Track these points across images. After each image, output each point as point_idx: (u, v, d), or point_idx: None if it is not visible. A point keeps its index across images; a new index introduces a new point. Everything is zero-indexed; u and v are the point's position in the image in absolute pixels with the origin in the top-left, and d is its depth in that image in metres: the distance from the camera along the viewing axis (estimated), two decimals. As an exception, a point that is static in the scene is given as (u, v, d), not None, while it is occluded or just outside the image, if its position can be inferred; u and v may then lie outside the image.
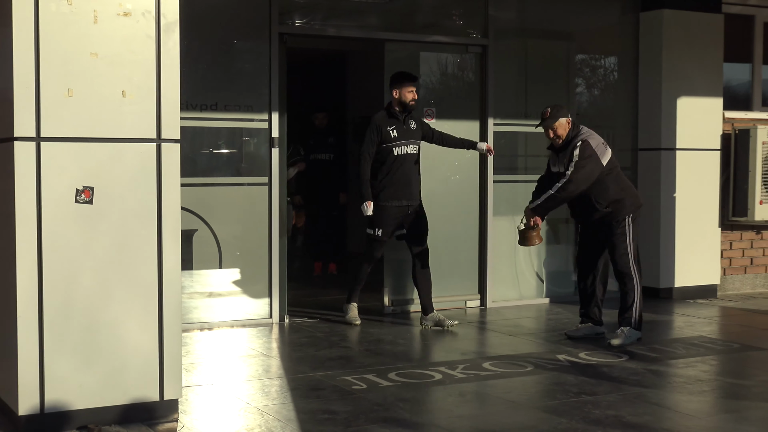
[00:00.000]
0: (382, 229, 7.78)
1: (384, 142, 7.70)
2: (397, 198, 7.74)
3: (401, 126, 7.77)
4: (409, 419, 5.25)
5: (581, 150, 7.02)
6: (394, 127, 7.73)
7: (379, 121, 7.75)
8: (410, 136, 7.81)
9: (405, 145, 7.75)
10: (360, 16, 8.79)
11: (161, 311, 5.13)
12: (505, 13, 9.12)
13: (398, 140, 7.73)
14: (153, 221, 5.09)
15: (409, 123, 7.83)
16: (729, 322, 8.67)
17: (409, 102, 7.73)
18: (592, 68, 10.07)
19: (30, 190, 4.82)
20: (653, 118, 9.37)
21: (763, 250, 10.37)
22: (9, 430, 4.95)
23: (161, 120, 5.09)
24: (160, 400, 5.16)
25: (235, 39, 8.14)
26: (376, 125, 7.73)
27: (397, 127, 7.74)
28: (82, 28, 4.90)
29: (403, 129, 7.77)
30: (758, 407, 5.59)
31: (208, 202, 7.98)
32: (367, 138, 7.74)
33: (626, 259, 7.16)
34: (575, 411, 5.46)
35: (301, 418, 5.29)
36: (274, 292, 8.11)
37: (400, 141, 7.74)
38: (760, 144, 9.76)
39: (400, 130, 7.75)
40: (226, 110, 7.97)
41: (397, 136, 7.73)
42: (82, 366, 4.96)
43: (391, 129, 7.72)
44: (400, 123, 7.76)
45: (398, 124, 7.75)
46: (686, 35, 9.51)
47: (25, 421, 4.87)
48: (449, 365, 6.55)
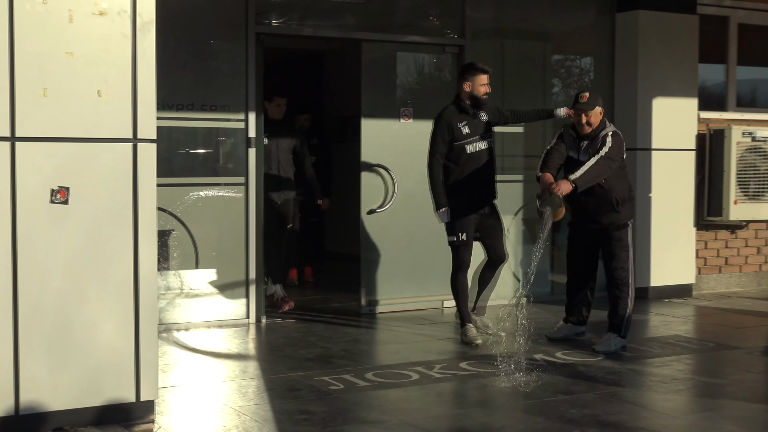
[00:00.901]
0: (466, 233, 7.28)
1: (455, 140, 7.26)
2: (471, 198, 7.29)
3: (472, 121, 7.31)
4: (386, 419, 5.25)
5: (614, 137, 6.86)
6: (466, 123, 7.28)
7: (448, 117, 7.30)
8: (483, 130, 7.35)
9: (478, 141, 7.30)
10: (337, 16, 8.79)
11: (137, 311, 5.11)
12: (481, 14, 9.14)
13: (471, 137, 7.28)
14: (129, 221, 5.07)
15: (480, 116, 7.34)
16: (704, 321, 8.72)
17: (482, 96, 7.28)
18: (568, 68, 10.11)
19: (4, 190, 4.78)
20: (629, 118, 9.42)
21: (738, 250, 10.44)
22: (-17, 432, 4.92)
23: (137, 120, 5.07)
24: (137, 401, 5.13)
25: (212, 38, 8.12)
26: (446, 122, 7.29)
27: (468, 123, 7.29)
28: (57, 27, 4.87)
29: (474, 124, 7.31)
30: (733, 406, 5.63)
31: (185, 203, 7.95)
32: (437, 137, 7.29)
33: (625, 270, 7.05)
34: (552, 410, 5.48)
35: (278, 418, 5.28)
36: (251, 292, 8.09)
37: (473, 137, 7.28)
38: (735, 144, 9.84)
39: (471, 125, 7.30)
40: (202, 110, 7.95)
41: (470, 133, 7.28)
42: (57, 367, 4.92)
43: (462, 125, 7.27)
44: (470, 118, 7.31)
45: (469, 119, 7.31)
46: (661, 36, 9.56)
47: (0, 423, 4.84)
48: (426, 365, 6.56)
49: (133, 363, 5.11)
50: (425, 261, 8.88)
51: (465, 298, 7.36)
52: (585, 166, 6.76)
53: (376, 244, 8.68)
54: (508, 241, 9.13)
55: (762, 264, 10.48)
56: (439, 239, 8.94)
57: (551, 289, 9.52)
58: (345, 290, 9.37)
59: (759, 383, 6.41)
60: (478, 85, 7.26)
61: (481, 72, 7.29)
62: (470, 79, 7.28)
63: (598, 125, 6.99)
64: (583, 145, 7.01)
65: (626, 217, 7.07)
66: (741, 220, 10.12)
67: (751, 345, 7.50)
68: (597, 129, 6.99)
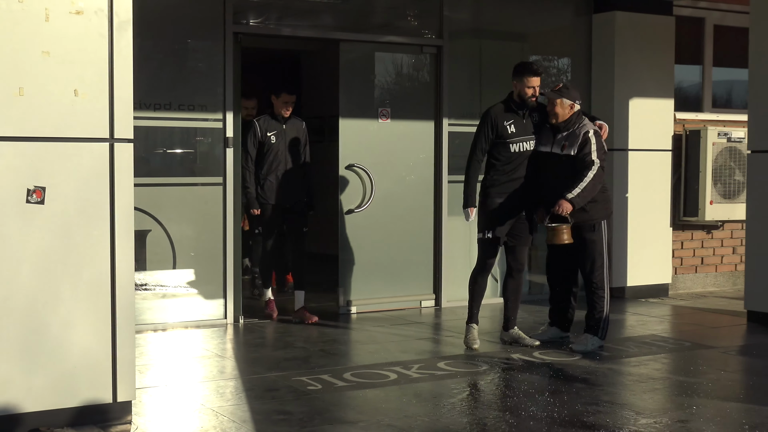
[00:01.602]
0: (494, 231, 7.08)
1: (500, 137, 7.06)
2: (510, 199, 7.07)
3: (520, 120, 7.11)
4: (364, 419, 5.25)
5: (597, 138, 6.94)
6: (512, 122, 7.08)
7: (495, 114, 7.12)
8: (532, 130, 7.13)
9: (524, 141, 7.09)
10: (315, 16, 8.78)
11: (114, 312, 5.08)
12: (459, 14, 9.16)
13: (516, 136, 7.07)
14: (106, 221, 5.04)
15: (530, 117, 7.14)
16: (680, 320, 8.77)
17: (528, 97, 7.08)
18: (546, 69, 10.13)
19: (-20, 190, 4.76)
20: (605, 119, 9.35)
21: (714, 250, 10.51)
22: (-42, 434, 4.89)
23: (114, 119, 5.04)
24: (113, 402, 5.11)
25: (190, 38, 8.09)
26: (491, 119, 7.11)
27: (515, 122, 7.09)
28: (33, 26, 4.84)
29: (522, 124, 7.10)
30: (709, 404, 5.66)
31: (162, 203, 7.92)
32: (480, 133, 7.11)
33: (600, 272, 7.08)
34: (529, 409, 5.49)
35: (256, 418, 5.27)
36: (228, 292, 8.06)
37: (519, 137, 7.07)
38: (711, 145, 9.90)
39: (518, 124, 7.10)
40: (179, 110, 7.92)
41: (515, 132, 7.07)
42: (31, 368, 4.88)
43: (508, 123, 7.07)
44: (518, 117, 7.12)
45: (517, 119, 7.12)
46: (638, 37, 9.61)
47: (-26, 424, 4.81)
48: (404, 365, 6.56)
49: (110, 364, 5.08)
50: (403, 261, 8.89)
51: (478, 300, 7.22)
52: (582, 183, 6.80)
53: (355, 245, 8.68)
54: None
55: (737, 264, 10.55)
56: (417, 240, 8.98)
57: (528, 289, 9.55)
58: (323, 290, 9.35)
59: (734, 382, 6.46)
60: (524, 86, 7.06)
61: (529, 73, 7.06)
62: (517, 79, 7.10)
63: (569, 119, 7.00)
64: (558, 139, 7.04)
65: (597, 217, 7.06)
66: (717, 221, 10.18)
67: (726, 344, 7.56)
68: (571, 123, 7.01)
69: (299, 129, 8.24)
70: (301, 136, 8.23)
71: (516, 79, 7.10)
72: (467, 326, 7.20)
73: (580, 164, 6.89)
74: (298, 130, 8.22)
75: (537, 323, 7.96)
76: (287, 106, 8.09)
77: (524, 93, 7.06)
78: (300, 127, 8.25)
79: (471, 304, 7.24)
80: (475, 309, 7.21)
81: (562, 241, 6.89)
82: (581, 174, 6.85)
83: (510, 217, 7.11)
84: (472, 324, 7.18)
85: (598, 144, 6.94)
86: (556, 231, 6.87)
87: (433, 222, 9.06)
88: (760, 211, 8.32)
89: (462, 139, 9.17)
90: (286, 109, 8.09)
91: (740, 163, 9.98)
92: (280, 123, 8.10)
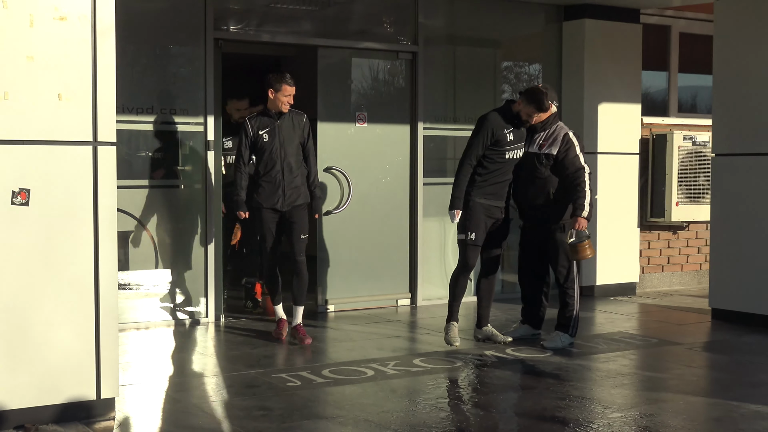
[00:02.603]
0: (476, 233, 7.00)
1: (498, 144, 7.00)
2: (488, 197, 7.03)
3: (517, 129, 7.07)
4: (342, 415, 5.25)
5: (579, 140, 7.02)
6: (511, 130, 7.02)
7: (494, 122, 7.03)
8: (523, 138, 7.11)
9: (518, 150, 7.07)
10: (294, 23, 8.77)
11: (97, 311, 5.05)
12: (434, 21, 9.17)
13: (514, 143, 7.03)
14: (89, 222, 5.01)
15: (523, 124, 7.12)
16: (647, 318, 8.81)
17: (523, 120, 7.03)
18: (518, 75, 10.17)
19: (-35, 191, 4.72)
20: (576, 123, 9.48)
21: (679, 250, 10.57)
22: (-56, 431, 4.85)
23: (97, 123, 5.01)
24: (97, 399, 5.08)
25: (171, 44, 8.06)
26: (490, 126, 7.02)
27: (513, 130, 7.03)
28: (18, 31, 4.80)
29: (518, 132, 7.07)
30: (675, 399, 5.70)
31: (145, 204, 7.88)
32: (477, 139, 7.01)
33: (570, 273, 7.10)
34: (502, 404, 5.51)
35: (236, 414, 5.25)
36: (209, 291, 8.04)
37: (516, 145, 7.04)
38: (677, 148, 9.96)
39: (516, 133, 7.06)
40: (162, 113, 7.88)
41: (513, 140, 7.03)
42: (15, 366, 4.84)
43: (508, 132, 7.01)
44: (515, 126, 7.06)
45: (514, 127, 7.06)
46: (607, 44, 9.65)
47: (-40, 421, 4.77)
48: (381, 362, 6.56)
49: (94, 361, 5.05)
50: (379, 261, 8.90)
51: (459, 299, 7.14)
52: (584, 203, 6.84)
53: (332, 245, 8.67)
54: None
55: (702, 263, 10.62)
56: (393, 240, 8.99)
57: (501, 288, 9.57)
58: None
59: (699, 377, 6.50)
60: (526, 111, 7.00)
61: (535, 106, 6.96)
62: (525, 102, 6.99)
63: (546, 119, 7.03)
64: (536, 139, 7.06)
65: (566, 218, 7.05)
66: (682, 221, 10.25)
67: (691, 341, 7.60)
68: (548, 124, 7.05)
69: (298, 124, 7.21)
70: (300, 132, 7.21)
71: (525, 103, 6.98)
72: (448, 324, 7.13)
73: (568, 167, 6.93)
74: (295, 126, 7.20)
75: (509, 321, 7.98)
76: (288, 99, 7.09)
77: (523, 116, 6.99)
78: (298, 122, 7.22)
79: (452, 303, 7.16)
80: (456, 308, 7.14)
81: (586, 257, 6.96)
82: (576, 186, 6.88)
83: (492, 220, 7.07)
84: (453, 322, 7.12)
85: (580, 145, 7.01)
86: (578, 248, 6.89)
87: (408, 223, 9.06)
88: (723, 213, 8.38)
89: (437, 142, 9.20)
90: (287, 103, 7.10)
91: (705, 166, 10.04)
92: (273, 119, 7.14)
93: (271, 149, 7.09)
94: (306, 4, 8.69)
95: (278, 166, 7.10)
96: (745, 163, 8.16)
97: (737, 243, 8.24)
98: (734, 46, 8.24)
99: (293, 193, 7.15)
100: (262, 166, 7.13)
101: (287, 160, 7.11)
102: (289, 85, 7.07)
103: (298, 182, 7.19)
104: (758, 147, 8.06)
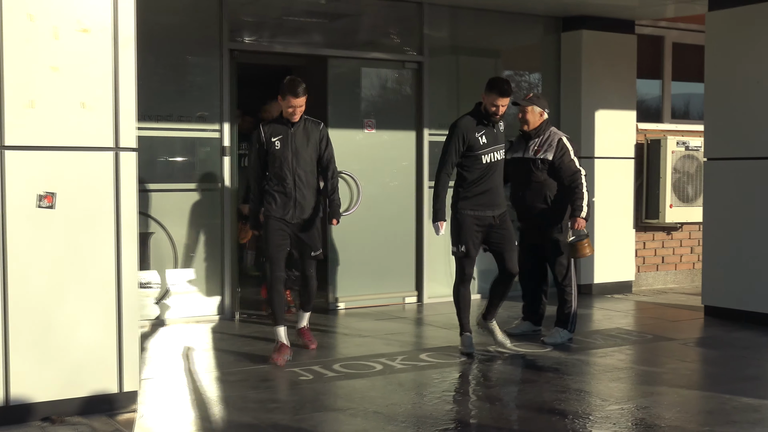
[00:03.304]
0: (466, 245, 6.52)
1: (471, 149, 6.55)
2: (477, 208, 6.55)
3: (491, 131, 6.61)
4: (352, 407, 5.24)
5: (572, 144, 7.00)
6: (483, 133, 6.54)
7: (464, 127, 6.58)
8: (501, 140, 6.69)
9: (494, 151, 6.61)
10: (305, 34, 8.76)
11: (119, 309, 5.06)
12: (438, 32, 9.16)
13: (487, 147, 6.55)
14: (111, 225, 5.02)
15: (498, 126, 6.68)
16: (643, 315, 8.79)
17: (490, 113, 6.55)
18: (518, 83, 10.15)
19: (-6, 195, 4.73)
20: (574, 129, 9.47)
21: (673, 249, 10.54)
22: (-26, 423, 4.86)
23: (119, 130, 5.02)
24: (120, 392, 5.09)
25: (189, 54, 8.07)
26: (461, 132, 6.57)
27: (486, 133, 6.55)
28: (43, 43, 4.82)
29: (492, 133, 6.61)
30: (669, 392, 5.68)
31: (164, 207, 7.89)
32: (450, 147, 6.59)
33: (568, 271, 7.07)
34: (504, 397, 5.50)
35: (251, 407, 5.25)
36: (225, 290, 8.05)
37: (490, 147, 6.56)
38: (670, 153, 9.94)
39: (489, 135, 6.60)
40: (180, 121, 7.89)
41: (487, 143, 6.54)
42: (43, 361, 4.86)
43: (479, 135, 6.53)
44: (488, 127, 6.61)
45: (487, 129, 6.60)
46: (603, 54, 9.63)
47: (-10, 413, 4.78)
48: (389, 357, 6.55)
49: (116, 356, 5.06)
50: (387, 260, 8.89)
51: (466, 310, 6.66)
52: (582, 203, 6.82)
53: (343, 246, 8.66)
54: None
55: (695, 262, 10.58)
56: (400, 240, 8.99)
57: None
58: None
59: (693, 371, 6.48)
60: (490, 103, 6.52)
61: (497, 93, 6.50)
62: (487, 93, 6.56)
63: (539, 126, 7.03)
64: (531, 145, 7.04)
65: (561, 218, 7.04)
66: (676, 222, 10.22)
67: (685, 336, 7.58)
68: (542, 130, 7.04)
69: (312, 133, 6.54)
70: (315, 141, 6.54)
71: (486, 93, 6.56)
72: (462, 336, 6.66)
73: (565, 170, 6.92)
74: (310, 135, 6.52)
75: (511, 318, 7.96)
76: (295, 110, 6.38)
77: (489, 108, 6.52)
78: (314, 131, 6.55)
79: (459, 315, 6.68)
80: (466, 319, 6.67)
81: (585, 254, 6.94)
82: (575, 188, 6.87)
83: (481, 228, 6.59)
84: (465, 333, 6.66)
85: (574, 149, 6.99)
86: (578, 246, 6.89)
87: (415, 224, 9.06)
88: (715, 214, 8.35)
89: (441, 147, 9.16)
90: (295, 113, 6.41)
91: (697, 170, 10.02)
92: (287, 127, 6.47)
93: (283, 158, 6.42)
94: (317, 16, 8.70)
95: (289, 176, 6.43)
96: (736, 166, 8.13)
97: (729, 243, 8.22)
98: (725, 55, 8.22)
99: (303, 205, 6.49)
100: (274, 175, 6.47)
101: (298, 171, 6.45)
102: (294, 97, 6.33)
103: (309, 194, 6.51)
104: (748, 151, 8.04)
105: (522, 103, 7.08)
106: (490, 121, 6.57)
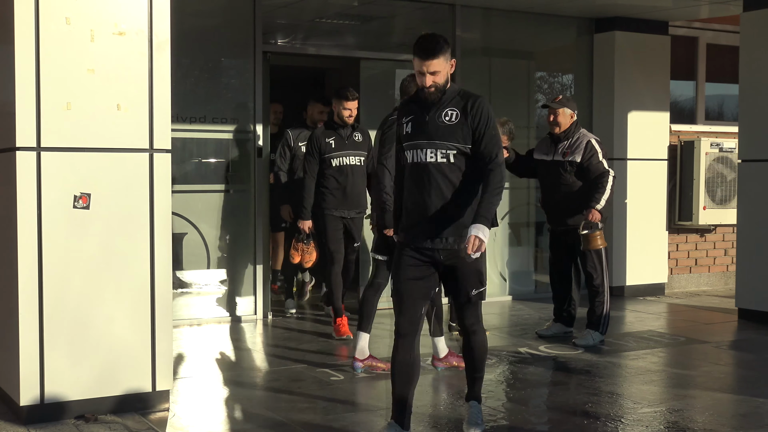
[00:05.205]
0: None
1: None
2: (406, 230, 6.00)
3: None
4: (383, 407, 5.24)
5: (601, 146, 6.95)
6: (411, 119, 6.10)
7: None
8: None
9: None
10: (338, 36, 8.79)
11: (153, 308, 5.10)
12: (471, 34, 9.14)
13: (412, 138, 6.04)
14: (146, 225, 5.06)
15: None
16: (675, 317, 8.72)
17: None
18: (551, 84, 10.11)
19: (31, 196, 4.78)
20: (606, 130, 9.42)
21: (707, 252, 10.44)
22: (11, 420, 4.90)
23: (153, 131, 5.06)
24: (152, 391, 5.12)
25: (222, 57, 8.11)
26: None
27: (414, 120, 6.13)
28: (79, 46, 4.86)
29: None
30: (702, 395, 5.63)
31: (197, 208, 7.94)
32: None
33: (599, 273, 7.01)
34: (535, 399, 5.48)
35: (283, 407, 5.27)
36: (258, 290, 8.07)
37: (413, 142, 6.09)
38: (704, 155, 9.85)
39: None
40: (213, 123, 7.94)
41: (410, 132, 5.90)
42: (77, 360, 4.91)
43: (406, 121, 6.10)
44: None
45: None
46: (636, 55, 9.56)
47: (26, 411, 4.82)
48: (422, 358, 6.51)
49: (150, 355, 5.10)
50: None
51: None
52: (600, 196, 6.77)
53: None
54: (496, 243, 9.14)
55: (729, 265, 10.48)
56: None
57: (534, 288, 9.52)
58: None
59: (726, 375, 6.41)
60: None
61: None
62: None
63: (569, 128, 7.00)
64: (560, 147, 7.01)
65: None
66: (709, 225, 10.12)
67: (718, 339, 7.51)
68: (571, 132, 7.00)
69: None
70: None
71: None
72: None
73: (593, 172, 6.87)
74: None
75: (542, 320, 7.93)
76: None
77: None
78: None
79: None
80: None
81: (597, 246, 6.86)
82: (599, 183, 6.83)
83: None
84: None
85: (603, 151, 6.94)
86: (590, 238, 6.83)
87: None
88: (749, 216, 8.26)
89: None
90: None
91: (731, 171, 9.91)
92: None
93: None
94: (349, 18, 8.72)
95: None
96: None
97: (763, 245, 8.12)
98: (760, 56, 8.13)
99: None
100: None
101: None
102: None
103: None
104: (783, 153, 7.95)
105: (553, 105, 7.04)
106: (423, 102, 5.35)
